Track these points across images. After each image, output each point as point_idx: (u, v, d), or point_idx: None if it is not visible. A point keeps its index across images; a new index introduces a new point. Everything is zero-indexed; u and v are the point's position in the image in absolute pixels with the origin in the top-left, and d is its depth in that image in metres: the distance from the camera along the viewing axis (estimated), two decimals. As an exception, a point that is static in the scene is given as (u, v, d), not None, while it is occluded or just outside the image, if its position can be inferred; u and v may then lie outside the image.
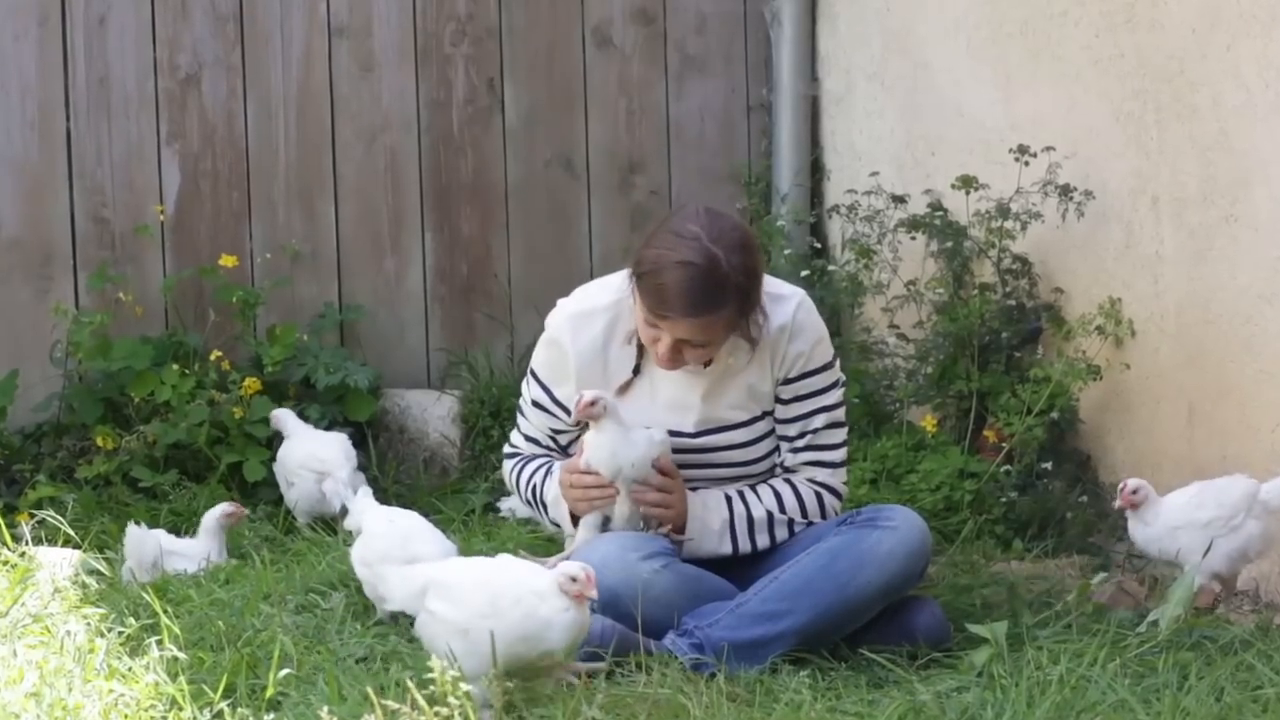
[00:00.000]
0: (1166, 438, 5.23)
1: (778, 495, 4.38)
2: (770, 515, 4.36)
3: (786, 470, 4.44)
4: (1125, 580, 4.85)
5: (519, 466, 4.50)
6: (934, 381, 5.79)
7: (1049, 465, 5.51)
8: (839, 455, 4.44)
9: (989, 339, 5.68)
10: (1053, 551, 5.30)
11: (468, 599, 3.73)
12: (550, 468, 4.43)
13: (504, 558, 3.93)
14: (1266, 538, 4.53)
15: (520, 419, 4.53)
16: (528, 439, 4.51)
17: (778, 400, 4.39)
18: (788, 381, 4.37)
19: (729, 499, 4.36)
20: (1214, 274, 5.01)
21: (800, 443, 4.40)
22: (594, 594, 3.71)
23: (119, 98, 6.27)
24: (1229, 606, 4.64)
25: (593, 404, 4.18)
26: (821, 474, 4.41)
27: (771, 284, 4.36)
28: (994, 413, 5.56)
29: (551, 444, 4.50)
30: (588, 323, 4.36)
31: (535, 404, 4.46)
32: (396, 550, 4.44)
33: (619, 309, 4.35)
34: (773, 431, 4.41)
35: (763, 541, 4.37)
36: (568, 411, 4.38)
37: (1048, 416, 5.42)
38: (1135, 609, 4.55)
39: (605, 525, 4.30)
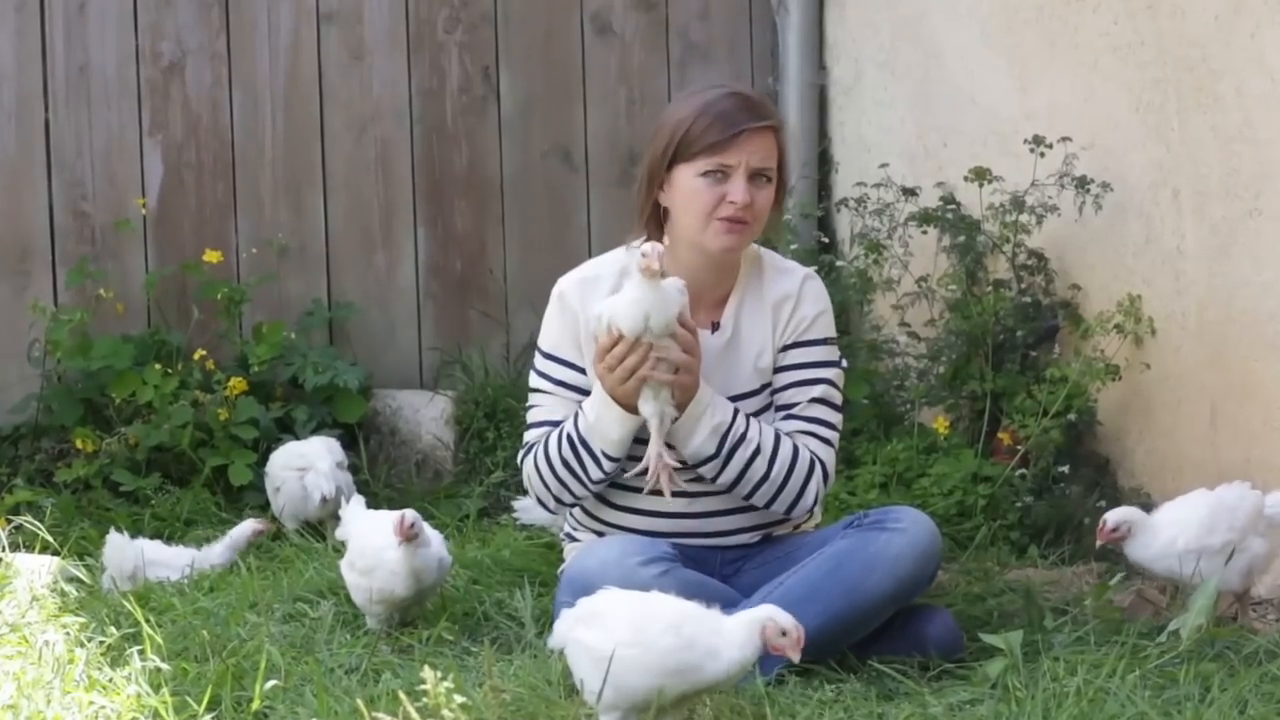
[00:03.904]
0: (1188, 440, 5.23)
1: (776, 437, 4.38)
2: (759, 446, 4.34)
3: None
4: (1145, 588, 4.85)
5: (541, 445, 4.42)
6: (946, 382, 5.79)
7: (1066, 469, 5.51)
8: (831, 434, 4.45)
9: (1003, 337, 5.68)
10: (1069, 559, 5.30)
11: (614, 626, 3.65)
12: (576, 412, 4.38)
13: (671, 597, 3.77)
14: (1270, 554, 4.54)
15: (537, 410, 4.47)
16: (554, 424, 4.45)
17: (776, 369, 4.44)
18: (786, 349, 4.44)
19: (735, 410, 4.36)
20: (1237, 269, 5.01)
21: (794, 410, 4.43)
22: (796, 656, 3.62)
23: (99, 87, 6.27)
24: (1245, 617, 4.64)
25: (659, 257, 4.13)
26: (813, 443, 4.42)
27: (780, 259, 4.57)
28: (1009, 414, 5.56)
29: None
30: (595, 286, 4.42)
31: (559, 382, 4.43)
32: (386, 535, 4.46)
33: (625, 275, 4.40)
34: (772, 404, 4.45)
35: (736, 467, 4.33)
36: (583, 372, 4.40)
37: (1065, 418, 5.42)
38: (1156, 617, 4.55)
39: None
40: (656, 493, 4.29)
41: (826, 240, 6.57)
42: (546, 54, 6.60)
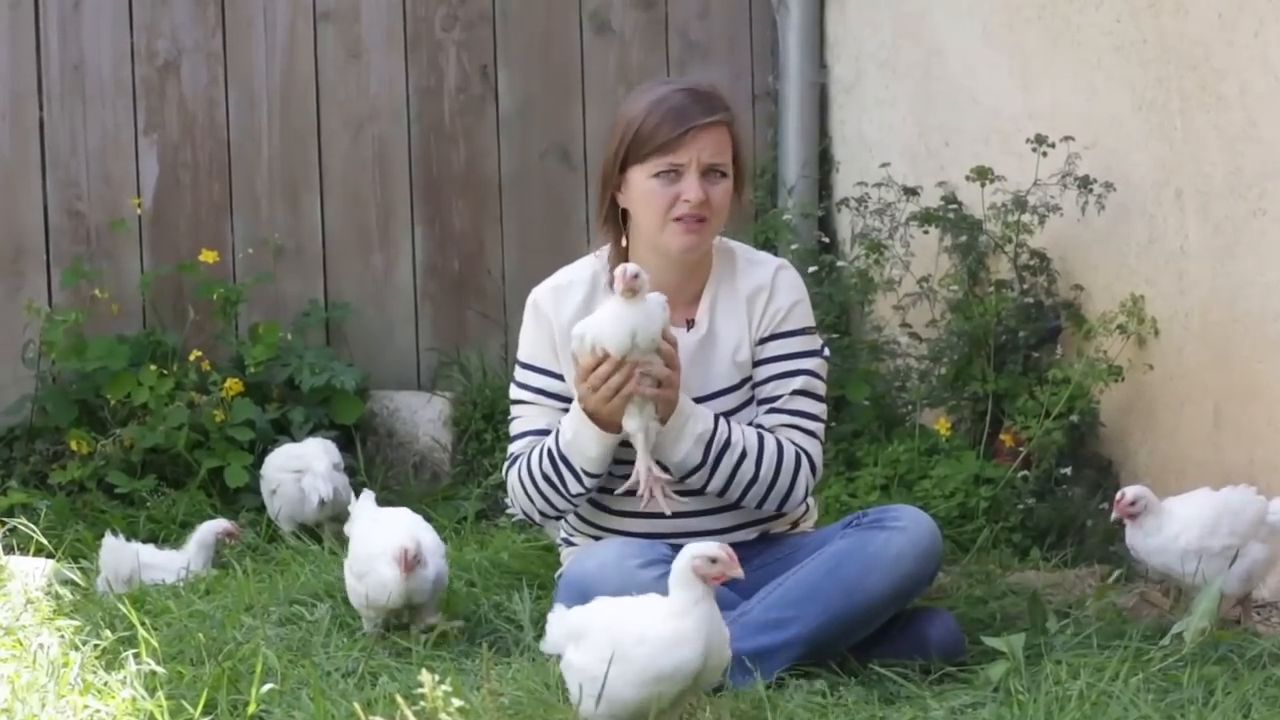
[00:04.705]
0: (1191, 441, 5.23)
1: (759, 437, 4.37)
2: (744, 449, 4.32)
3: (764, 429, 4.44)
4: (1148, 591, 4.85)
5: (524, 459, 4.43)
6: (948, 383, 5.79)
7: (1068, 470, 5.51)
8: (816, 426, 4.43)
9: (1005, 338, 5.68)
10: (1072, 561, 5.30)
11: (594, 643, 3.68)
12: (557, 430, 4.39)
13: (652, 597, 3.79)
14: (1270, 560, 4.54)
15: (519, 422, 4.48)
16: (536, 433, 4.46)
17: (756, 363, 4.43)
18: (764, 341, 4.42)
19: (715, 416, 4.35)
20: (1241, 270, 5.01)
21: (776, 404, 4.41)
22: (739, 572, 3.64)
23: (94, 85, 6.27)
24: (1248, 620, 4.64)
25: (636, 276, 4.14)
26: (797, 436, 4.40)
27: (751, 251, 4.54)
28: (1011, 416, 5.56)
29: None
30: (568, 294, 4.43)
31: (539, 391, 4.44)
32: (382, 541, 4.45)
33: (596, 281, 4.43)
34: (754, 399, 4.44)
35: (724, 473, 4.31)
36: (561, 379, 4.40)
37: (1067, 419, 5.42)
38: (1159, 618, 4.56)
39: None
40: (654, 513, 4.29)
41: (827, 240, 6.57)
42: (545, 53, 6.60)
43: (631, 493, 4.30)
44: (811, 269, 6.20)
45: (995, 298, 5.64)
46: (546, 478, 4.36)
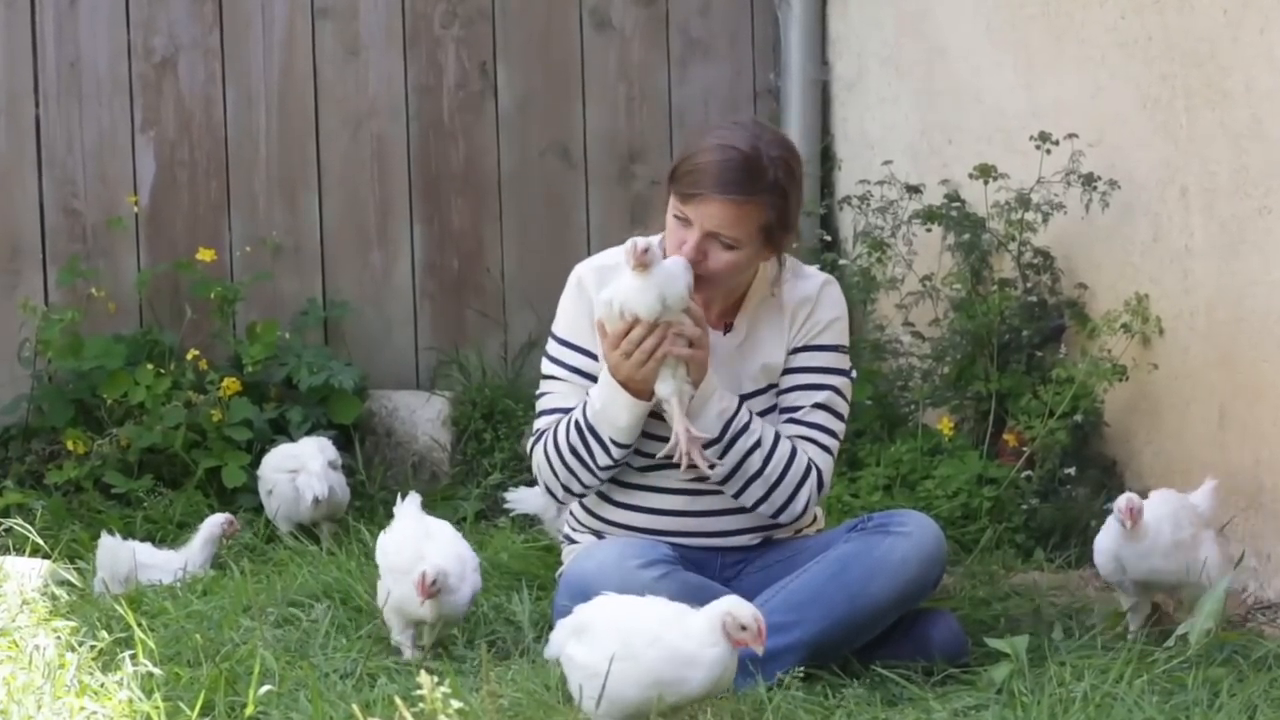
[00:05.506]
0: (1197, 441, 5.23)
1: (776, 435, 4.36)
2: (760, 440, 4.33)
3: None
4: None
5: (550, 433, 4.41)
6: (951, 382, 5.79)
7: (1072, 470, 5.51)
8: (831, 442, 4.43)
9: (1009, 337, 5.68)
10: (1076, 562, 5.30)
11: (601, 639, 3.69)
12: (584, 402, 4.38)
13: (662, 600, 3.83)
14: (1225, 549, 4.56)
15: (549, 398, 4.47)
16: (564, 411, 4.42)
17: (784, 371, 4.43)
18: (796, 351, 4.43)
19: (740, 400, 4.36)
20: (1247, 268, 5.01)
21: (797, 414, 4.41)
22: (760, 649, 3.68)
23: (91, 82, 6.26)
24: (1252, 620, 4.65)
25: (646, 251, 4.18)
26: (812, 450, 4.40)
27: (800, 264, 4.54)
28: (1014, 415, 5.56)
29: None
30: (613, 274, 4.39)
31: (573, 369, 4.43)
32: (407, 554, 4.42)
33: None
34: (776, 407, 4.44)
35: (735, 457, 4.30)
36: (596, 359, 4.39)
37: (1071, 419, 5.42)
38: (1162, 621, 4.56)
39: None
40: (692, 467, 4.26)
41: (829, 238, 6.57)
42: (545, 50, 6.59)
43: (640, 487, 4.31)
44: (814, 268, 6.19)
45: (998, 296, 5.64)
46: (574, 450, 4.36)
